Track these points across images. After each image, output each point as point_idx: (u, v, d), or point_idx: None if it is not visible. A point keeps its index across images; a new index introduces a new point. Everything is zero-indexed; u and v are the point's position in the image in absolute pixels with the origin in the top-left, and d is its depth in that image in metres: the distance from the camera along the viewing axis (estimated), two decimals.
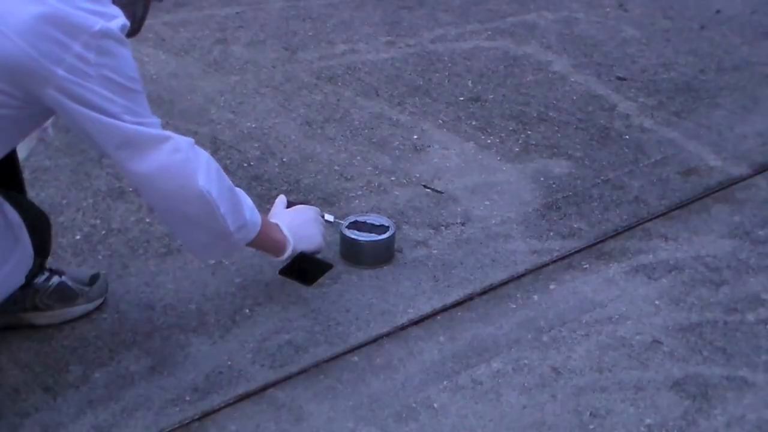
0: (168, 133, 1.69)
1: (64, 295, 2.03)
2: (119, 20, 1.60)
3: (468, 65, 3.61)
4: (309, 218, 2.16)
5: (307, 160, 2.83)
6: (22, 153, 2.08)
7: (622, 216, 2.60)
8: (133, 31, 1.73)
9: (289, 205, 2.21)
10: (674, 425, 1.85)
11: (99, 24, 1.55)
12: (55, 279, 2.03)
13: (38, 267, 2.00)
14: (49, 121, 2.07)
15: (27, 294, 1.98)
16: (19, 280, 1.81)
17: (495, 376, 1.96)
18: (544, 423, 1.84)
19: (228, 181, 1.82)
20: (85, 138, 1.65)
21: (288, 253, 2.06)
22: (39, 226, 1.90)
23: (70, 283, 2.05)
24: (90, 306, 2.08)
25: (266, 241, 2.00)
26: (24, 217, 1.81)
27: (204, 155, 1.75)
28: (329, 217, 2.29)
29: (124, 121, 1.61)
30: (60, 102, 1.57)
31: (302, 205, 2.21)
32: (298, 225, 2.11)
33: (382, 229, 2.35)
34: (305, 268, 2.15)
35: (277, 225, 2.06)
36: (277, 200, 2.23)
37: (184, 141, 1.71)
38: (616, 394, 1.93)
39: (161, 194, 1.71)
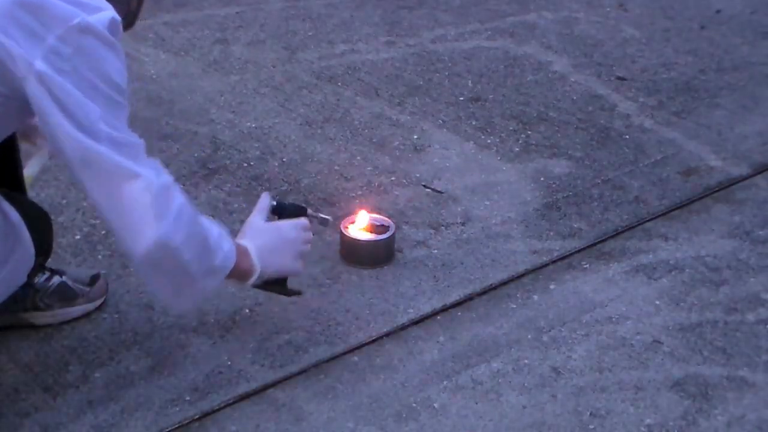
0: (141, 170, 1.54)
1: (65, 295, 2.03)
2: (105, 14, 1.48)
3: (468, 65, 3.61)
4: (285, 241, 1.94)
5: (307, 160, 2.83)
6: (33, 169, 2.05)
7: (622, 216, 2.60)
8: (127, 24, 1.63)
9: (279, 209, 2.02)
10: (674, 425, 1.85)
11: (78, 17, 1.43)
12: (56, 279, 2.03)
13: (38, 266, 2.00)
14: None
15: (27, 294, 1.98)
16: (21, 279, 1.81)
17: (495, 376, 1.96)
18: (544, 423, 1.84)
19: (200, 227, 1.67)
20: (52, 142, 1.54)
21: (253, 280, 1.87)
22: (40, 226, 1.90)
23: (70, 283, 2.04)
24: (90, 306, 2.08)
25: (233, 273, 1.81)
26: (24, 216, 1.80)
27: (177, 200, 1.60)
28: (325, 216, 2.13)
29: (96, 132, 1.48)
30: (36, 96, 1.46)
31: (286, 222, 1.98)
32: (271, 250, 1.90)
33: (382, 229, 2.35)
34: (272, 290, 2.01)
35: (246, 250, 1.85)
36: (259, 203, 2.00)
37: (158, 183, 1.56)
38: (616, 394, 1.93)
39: (118, 230, 1.59)
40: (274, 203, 2.01)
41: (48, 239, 1.97)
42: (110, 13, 1.49)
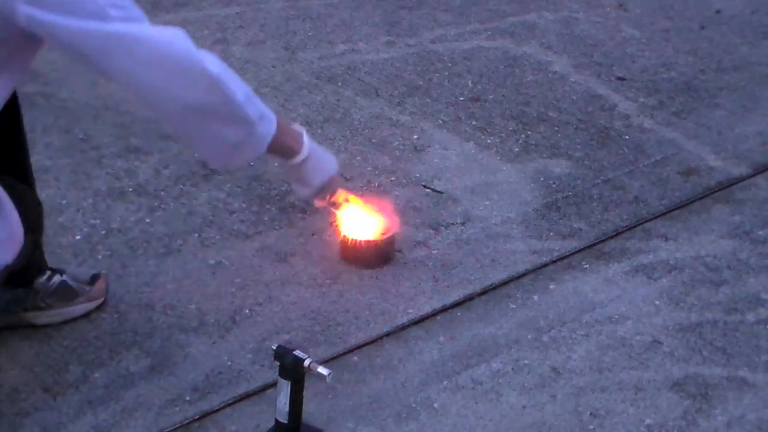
0: (161, 28, 1.55)
1: (66, 294, 2.03)
2: None
3: (468, 65, 3.61)
4: (328, 162, 1.95)
5: None
6: None
7: (622, 216, 2.60)
8: None
9: (280, 353, 1.70)
10: (674, 425, 1.85)
11: None
12: (57, 278, 2.03)
13: (38, 267, 1.99)
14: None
15: (28, 294, 1.98)
16: (6, 258, 1.69)
17: (495, 376, 1.96)
18: (544, 423, 1.84)
19: (235, 75, 1.65)
20: (81, 58, 1.51)
21: (298, 159, 1.84)
22: (25, 199, 1.79)
23: (71, 282, 2.04)
24: (91, 305, 2.07)
25: (278, 141, 1.76)
26: (10, 194, 1.69)
27: (203, 52, 1.58)
28: (323, 371, 1.69)
29: (106, 16, 1.46)
30: (36, 19, 1.42)
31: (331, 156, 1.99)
32: (318, 159, 1.90)
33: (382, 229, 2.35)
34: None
35: (295, 130, 1.85)
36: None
37: (177, 31, 1.55)
38: (616, 394, 1.93)
39: (163, 90, 1.55)
40: (275, 347, 1.73)
41: (34, 214, 1.86)
42: None
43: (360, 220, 2.36)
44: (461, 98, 3.32)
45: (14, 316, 2.00)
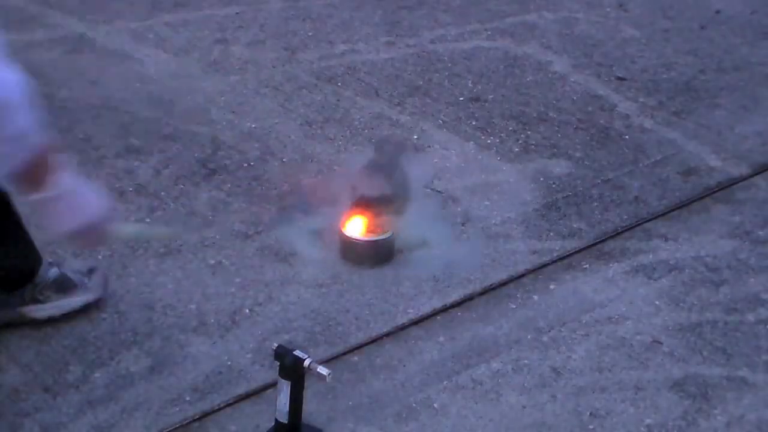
0: None
1: (64, 285, 2.02)
2: None
3: (468, 65, 3.61)
4: (93, 207, 1.68)
5: (307, 160, 2.83)
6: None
7: (622, 216, 2.60)
8: None
9: (280, 353, 1.67)
10: (674, 425, 1.85)
11: None
12: (54, 270, 2.03)
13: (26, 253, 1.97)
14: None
15: (26, 288, 1.98)
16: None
17: (495, 376, 1.97)
18: (544, 423, 1.84)
19: (26, 105, 1.48)
20: None
21: (51, 191, 1.57)
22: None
23: (69, 273, 2.04)
24: (90, 297, 2.06)
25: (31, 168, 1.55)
26: None
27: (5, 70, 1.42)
28: (323, 371, 1.65)
29: None
30: None
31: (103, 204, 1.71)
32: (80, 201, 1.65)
33: (383, 229, 2.35)
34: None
35: (60, 164, 1.62)
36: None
37: None
38: (616, 394, 1.93)
39: None
40: (275, 346, 1.70)
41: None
42: None
43: (361, 220, 2.36)
44: (461, 98, 3.32)
45: (13, 311, 1.99)
